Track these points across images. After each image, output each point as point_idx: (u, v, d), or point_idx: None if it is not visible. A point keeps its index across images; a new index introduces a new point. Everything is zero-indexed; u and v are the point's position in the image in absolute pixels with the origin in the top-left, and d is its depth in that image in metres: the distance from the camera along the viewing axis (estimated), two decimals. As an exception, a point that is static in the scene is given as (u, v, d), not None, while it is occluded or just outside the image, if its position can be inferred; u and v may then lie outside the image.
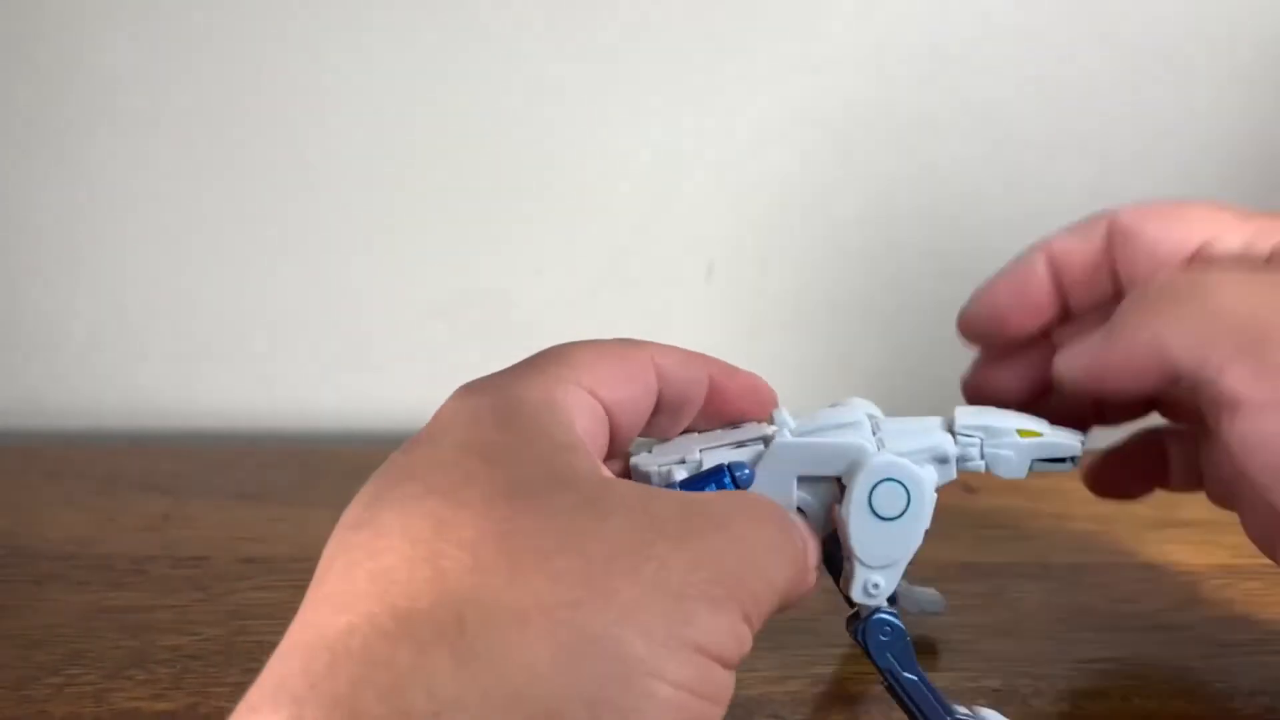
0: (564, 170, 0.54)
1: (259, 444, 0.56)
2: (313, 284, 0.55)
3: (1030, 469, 0.29)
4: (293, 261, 0.55)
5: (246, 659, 0.34)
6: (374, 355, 0.56)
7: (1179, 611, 0.38)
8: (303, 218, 0.54)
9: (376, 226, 0.54)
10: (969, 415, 0.30)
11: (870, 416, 0.30)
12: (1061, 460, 0.29)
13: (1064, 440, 0.29)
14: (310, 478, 0.48)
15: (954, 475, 0.29)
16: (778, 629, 0.37)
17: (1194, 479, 0.33)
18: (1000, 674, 0.34)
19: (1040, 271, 0.32)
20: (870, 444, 0.28)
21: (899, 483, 0.28)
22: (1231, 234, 0.30)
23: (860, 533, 0.28)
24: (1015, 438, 0.29)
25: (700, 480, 0.28)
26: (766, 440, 0.29)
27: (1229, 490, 0.32)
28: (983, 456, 0.29)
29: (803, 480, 0.29)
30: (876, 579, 0.29)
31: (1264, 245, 0.30)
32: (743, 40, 0.53)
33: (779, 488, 0.28)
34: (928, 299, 0.56)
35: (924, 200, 0.55)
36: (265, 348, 0.56)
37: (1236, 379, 0.25)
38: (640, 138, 0.54)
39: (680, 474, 0.29)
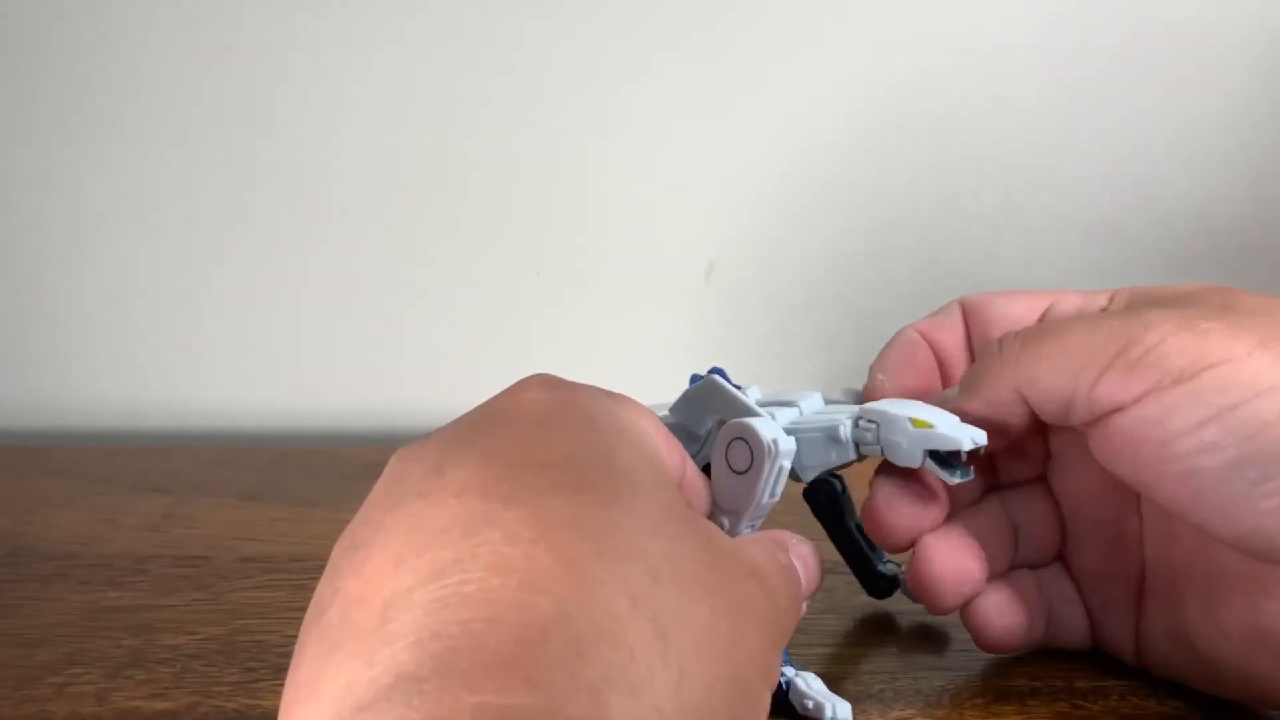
0: (564, 171, 0.54)
1: (259, 444, 0.56)
2: (314, 286, 0.55)
3: (925, 461, 0.31)
4: (294, 263, 0.55)
5: (247, 658, 0.34)
6: (375, 356, 0.56)
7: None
8: (304, 221, 0.54)
9: (378, 229, 0.55)
10: (878, 404, 0.32)
11: (827, 400, 0.34)
12: (953, 466, 0.31)
13: (951, 433, 0.30)
14: (310, 478, 0.49)
15: (851, 456, 0.32)
16: (776, 628, 0.37)
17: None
18: (998, 674, 0.34)
19: (919, 340, 0.35)
20: (753, 411, 0.32)
21: (746, 443, 0.31)
22: (1068, 299, 0.33)
23: (717, 479, 0.32)
24: (908, 426, 0.31)
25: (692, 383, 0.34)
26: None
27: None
28: (878, 442, 0.31)
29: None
30: (724, 520, 0.32)
31: (1096, 303, 0.33)
32: (743, 44, 0.53)
33: (697, 414, 0.33)
34: (925, 300, 0.56)
35: (923, 202, 0.55)
36: (266, 348, 0.56)
37: (1110, 387, 0.28)
38: (640, 139, 0.54)
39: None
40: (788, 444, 0.31)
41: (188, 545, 0.42)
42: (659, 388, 0.41)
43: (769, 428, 0.31)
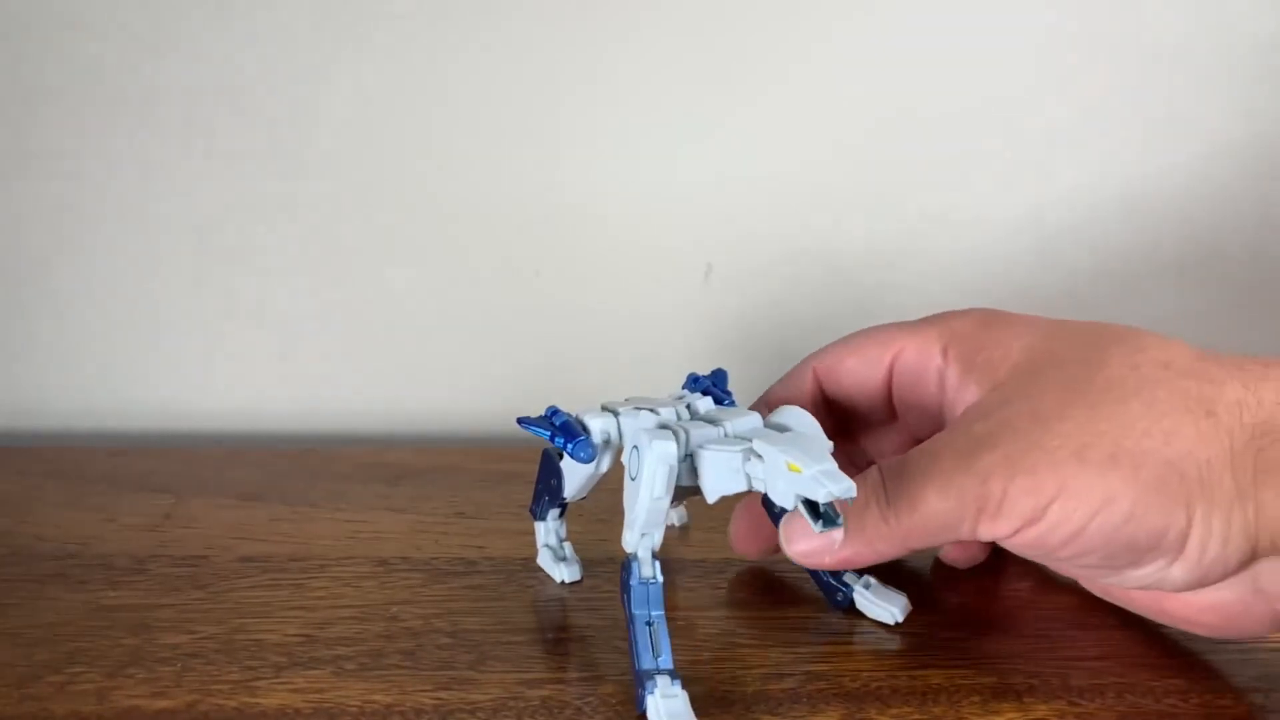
0: (564, 173, 0.54)
1: (259, 444, 0.56)
2: (314, 286, 0.55)
3: (797, 505, 0.31)
4: (294, 263, 0.55)
5: (246, 657, 0.35)
6: (374, 356, 0.56)
7: (1173, 609, 0.38)
8: (305, 220, 0.54)
9: (377, 229, 0.55)
10: (772, 440, 0.32)
11: (769, 425, 0.35)
12: (818, 514, 0.31)
13: (812, 484, 0.30)
14: (310, 478, 0.49)
15: (744, 486, 0.33)
16: (774, 627, 0.37)
17: None
18: (996, 671, 0.34)
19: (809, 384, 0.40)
20: (662, 423, 0.34)
21: (638, 450, 0.33)
22: (905, 352, 0.38)
23: (625, 487, 0.34)
24: (783, 468, 0.31)
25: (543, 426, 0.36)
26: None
27: None
28: (764, 477, 0.32)
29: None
30: (625, 533, 0.34)
31: (931, 357, 0.37)
32: (740, 48, 0.53)
33: (636, 425, 0.35)
34: (921, 301, 0.56)
35: (918, 207, 0.55)
36: (266, 349, 0.56)
37: (986, 532, 0.32)
38: (639, 142, 0.54)
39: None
40: (664, 451, 0.32)
41: (187, 545, 0.42)
42: (658, 387, 0.41)
43: (656, 436, 0.33)
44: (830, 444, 0.33)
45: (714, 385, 0.38)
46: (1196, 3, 0.53)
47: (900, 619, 0.37)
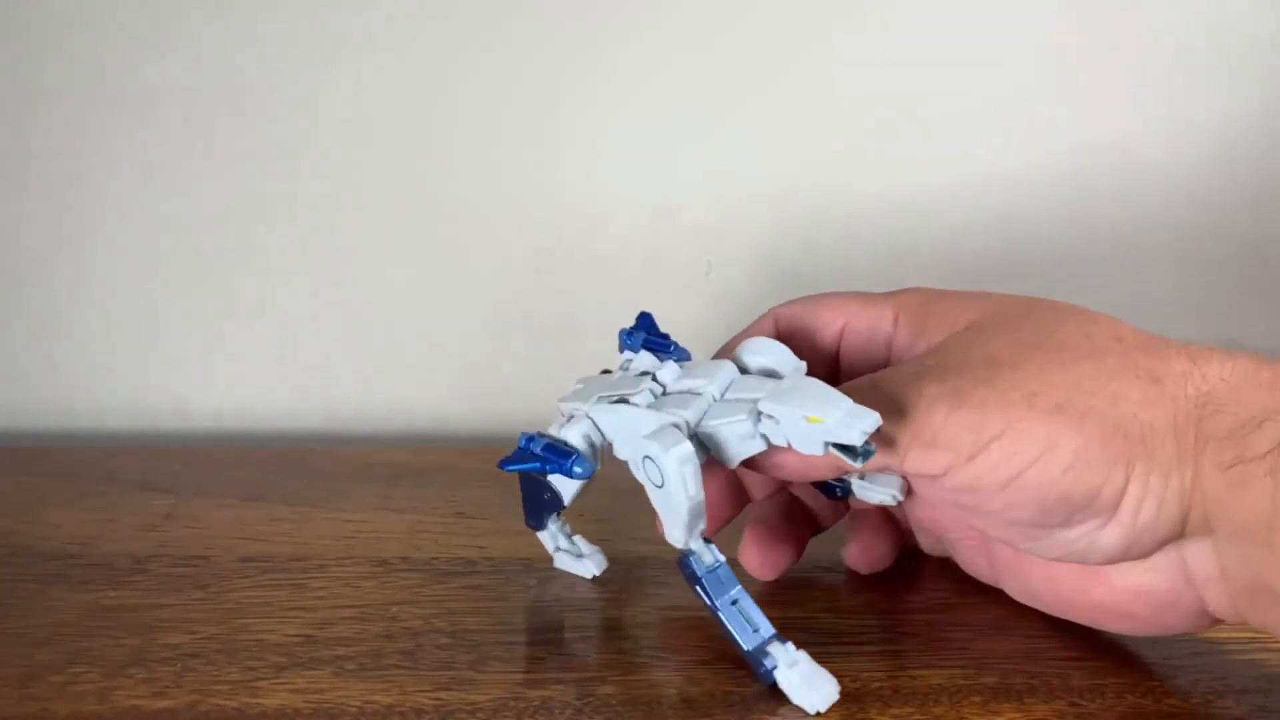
0: (566, 173, 0.54)
1: (259, 444, 0.56)
2: (314, 286, 0.55)
3: (829, 450, 0.31)
4: (294, 263, 0.55)
5: (246, 657, 0.35)
6: (375, 356, 0.56)
7: (1173, 609, 0.38)
8: (305, 220, 0.54)
9: (377, 229, 0.55)
10: (778, 397, 0.32)
11: (751, 371, 0.35)
12: (855, 452, 0.31)
13: (840, 429, 0.30)
14: (310, 478, 0.49)
15: (763, 446, 0.33)
16: (776, 626, 0.37)
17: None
18: (996, 671, 0.34)
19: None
20: (660, 421, 0.33)
21: (652, 460, 0.33)
22: (857, 319, 0.38)
23: (650, 493, 0.34)
24: (803, 424, 0.31)
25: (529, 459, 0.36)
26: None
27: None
28: (783, 435, 0.32)
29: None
30: (671, 530, 0.34)
31: (881, 325, 0.37)
32: (740, 49, 0.53)
33: (622, 425, 0.35)
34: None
35: (919, 203, 0.55)
36: (265, 349, 0.56)
37: (916, 464, 0.32)
38: (640, 143, 0.54)
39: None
40: (683, 454, 0.32)
41: (188, 545, 0.42)
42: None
43: (667, 441, 0.32)
44: (804, 364, 0.34)
45: (649, 335, 0.38)
46: (1196, 3, 0.53)
47: (901, 498, 0.37)
